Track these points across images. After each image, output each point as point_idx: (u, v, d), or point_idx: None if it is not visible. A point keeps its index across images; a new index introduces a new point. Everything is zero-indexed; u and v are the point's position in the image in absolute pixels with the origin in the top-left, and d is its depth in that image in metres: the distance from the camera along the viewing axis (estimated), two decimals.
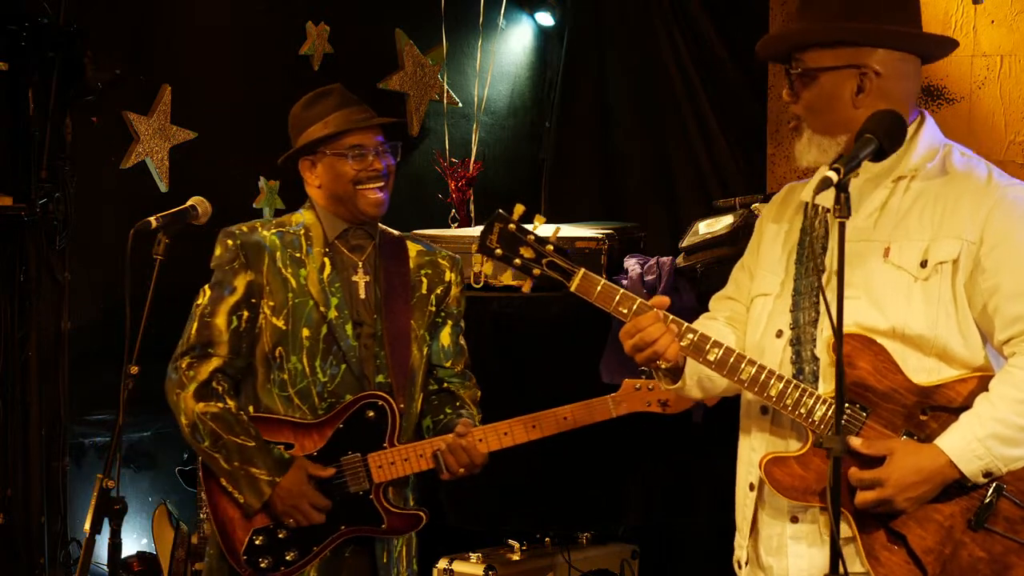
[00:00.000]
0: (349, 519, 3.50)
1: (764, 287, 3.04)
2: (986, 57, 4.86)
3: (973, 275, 2.81)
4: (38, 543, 4.58)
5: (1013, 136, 4.82)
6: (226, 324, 3.52)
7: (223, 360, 3.51)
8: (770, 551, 2.95)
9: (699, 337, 2.89)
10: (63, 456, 4.62)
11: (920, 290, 2.82)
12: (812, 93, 2.89)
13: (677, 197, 5.59)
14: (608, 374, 4.65)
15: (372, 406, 3.51)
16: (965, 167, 2.89)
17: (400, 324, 3.60)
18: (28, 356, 4.59)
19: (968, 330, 2.83)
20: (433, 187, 5.61)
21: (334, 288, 3.55)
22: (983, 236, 2.81)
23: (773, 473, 2.86)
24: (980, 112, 4.88)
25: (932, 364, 2.84)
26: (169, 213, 3.36)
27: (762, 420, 2.98)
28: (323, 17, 5.33)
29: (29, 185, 4.49)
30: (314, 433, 3.51)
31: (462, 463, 3.50)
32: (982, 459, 2.75)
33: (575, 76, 5.96)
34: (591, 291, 2.94)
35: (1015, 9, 4.80)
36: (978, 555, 2.81)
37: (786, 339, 2.93)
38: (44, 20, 4.45)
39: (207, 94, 5.03)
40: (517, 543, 4.86)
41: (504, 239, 2.97)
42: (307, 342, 3.51)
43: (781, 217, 3.10)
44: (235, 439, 3.45)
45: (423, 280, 3.66)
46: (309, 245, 3.58)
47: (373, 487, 3.51)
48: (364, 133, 3.55)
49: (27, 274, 4.56)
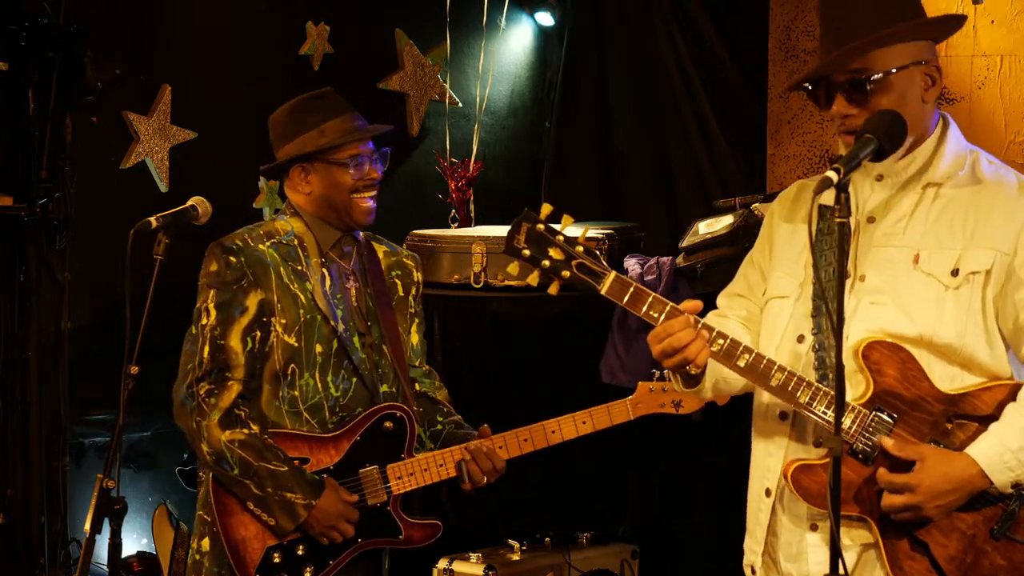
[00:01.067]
0: (366, 532, 3.48)
1: (781, 289, 2.99)
2: (986, 57, 4.85)
3: (1006, 287, 2.79)
4: (38, 543, 4.58)
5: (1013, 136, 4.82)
6: (242, 347, 3.43)
7: (241, 385, 3.43)
8: (789, 557, 2.93)
9: (730, 343, 2.84)
10: (63, 456, 4.62)
11: (951, 299, 2.80)
12: (887, 97, 2.80)
13: (677, 197, 5.59)
14: (608, 374, 4.65)
15: (390, 417, 3.50)
16: (995, 176, 2.87)
17: (394, 329, 3.60)
18: (28, 356, 4.59)
19: (994, 341, 2.82)
20: (433, 187, 5.61)
21: (337, 299, 3.53)
22: (1017, 247, 2.79)
23: (800, 480, 2.82)
24: (980, 112, 4.88)
25: (957, 372, 2.83)
26: (169, 213, 3.36)
27: (781, 425, 2.94)
28: (323, 17, 5.33)
29: (29, 185, 4.49)
30: (330, 447, 3.48)
31: (486, 470, 3.50)
32: (1013, 470, 2.74)
33: (575, 76, 5.96)
34: (622, 294, 2.88)
35: (1015, 9, 4.80)
36: (999, 563, 2.80)
37: (808, 344, 2.89)
38: (44, 20, 4.45)
39: (207, 94, 5.03)
40: (517, 543, 4.85)
41: (532, 239, 2.90)
42: (320, 358, 3.48)
43: (794, 216, 3.04)
44: (267, 465, 3.39)
45: (396, 282, 3.67)
46: (307, 256, 3.54)
47: (391, 498, 3.50)
48: (361, 142, 3.55)
49: (27, 274, 4.56)
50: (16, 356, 4.58)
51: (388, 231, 5.04)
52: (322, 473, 3.45)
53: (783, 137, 5.29)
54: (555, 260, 2.90)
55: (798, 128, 5.27)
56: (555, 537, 4.96)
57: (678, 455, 4.82)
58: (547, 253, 2.90)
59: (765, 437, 2.99)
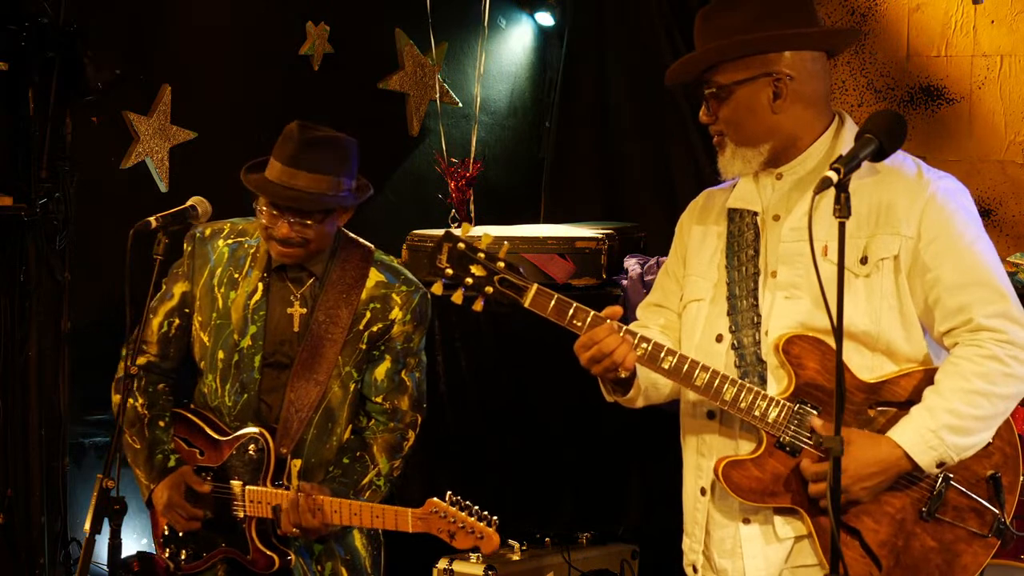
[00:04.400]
0: (228, 540, 3.57)
1: (696, 292, 3.07)
2: (986, 57, 4.86)
3: (913, 269, 2.87)
4: (38, 543, 4.58)
5: (1013, 136, 4.82)
6: (158, 326, 3.63)
7: (149, 359, 3.63)
8: (723, 553, 3.00)
9: (653, 346, 2.91)
10: (63, 456, 4.62)
11: (862, 286, 2.87)
12: (730, 108, 2.93)
13: (677, 197, 5.58)
14: None
15: (255, 441, 3.53)
16: (893, 164, 2.93)
17: (316, 362, 3.52)
18: (28, 356, 4.59)
19: (910, 324, 2.88)
20: (433, 187, 5.61)
21: (257, 316, 3.54)
22: (920, 231, 2.86)
23: (730, 476, 2.90)
24: (980, 112, 4.88)
25: (876, 361, 2.89)
26: (169, 213, 3.36)
27: (709, 424, 3.02)
28: (323, 17, 5.33)
29: (29, 185, 4.49)
30: (222, 449, 3.57)
31: (294, 523, 3.42)
32: (936, 450, 2.80)
33: (575, 76, 5.96)
34: (545, 306, 2.95)
35: (1015, 9, 4.81)
36: (929, 545, 2.87)
37: (727, 343, 2.97)
38: (44, 20, 4.45)
39: (207, 94, 5.02)
40: (517, 543, 4.85)
41: (453, 258, 2.96)
42: (221, 364, 3.56)
43: (704, 221, 3.14)
44: (128, 439, 3.58)
45: (367, 314, 3.57)
46: (252, 267, 3.57)
47: (247, 517, 3.53)
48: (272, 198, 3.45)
49: (27, 274, 4.56)
50: (16, 356, 4.58)
51: (388, 231, 5.06)
52: (208, 471, 3.54)
53: None
54: (477, 277, 2.96)
55: None
56: (555, 537, 4.96)
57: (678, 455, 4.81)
58: (469, 271, 2.96)
59: (695, 436, 3.07)
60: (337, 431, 3.58)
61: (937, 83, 4.94)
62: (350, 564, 3.62)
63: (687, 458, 3.11)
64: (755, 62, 2.91)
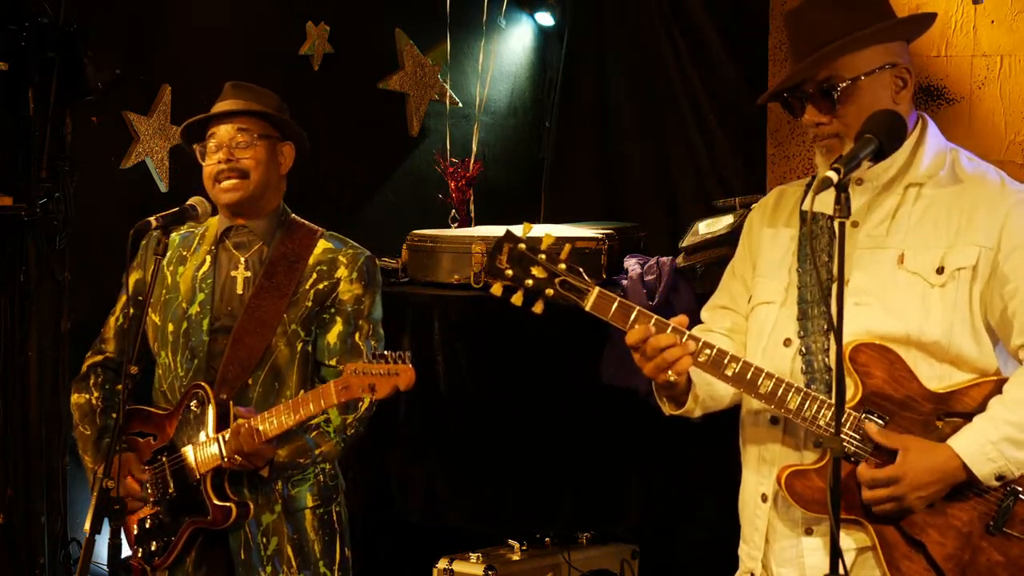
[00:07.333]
0: (190, 510, 3.51)
1: (766, 295, 3.00)
2: (986, 57, 4.85)
3: (991, 281, 2.81)
4: (38, 543, 4.58)
5: (1013, 136, 4.82)
6: (114, 321, 3.71)
7: (105, 356, 3.72)
8: (783, 563, 2.94)
9: (716, 352, 2.85)
10: (63, 456, 4.62)
11: (937, 297, 2.81)
12: (856, 103, 2.83)
13: (677, 197, 5.58)
14: (607, 375, 4.65)
15: (195, 396, 3.52)
16: (976, 172, 2.89)
17: (260, 317, 3.53)
18: (28, 356, 4.59)
19: (980, 336, 2.83)
20: (433, 187, 5.61)
21: (204, 284, 3.58)
22: (1000, 242, 2.81)
23: (793, 485, 2.84)
24: (980, 112, 4.87)
25: (944, 370, 2.84)
26: (169, 213, 3.37)
27: (773, 430, 2.95)
28: (323, 17, 5.33)
29: (29, 185, 4.49)
30: (167, 424, 3.56)
31: (236, 450, 3.38)
32: (995, 462, 2.75)
33: (575, 76, 5.95)
34: (606, 309, 2.86)
35: (1015, 9, 4.80)
36: (996, 559, 2.81)
37: (795, 348, 2.90)
38: (44, 20, 4.45)
39: (207, 94, 5.02)
40: (517, 543, 4.85)
41: (514, 259, 2.87)
42: (171, 337, 3.58)
43: (776, 222, 3.07)
44: (81, 428, 3.67)
45: (313, 275, 3.58)
46: (200, 244, 3.64)
47: (202, 477, 3.48)
48: (217, 123, 3.61)
49: (27, 274, 4.56)
50: (16, 356, 4.58)
51: (388, 231, 5.06)
52: (160, 452, 3.55)
53: (783, 137, 5.28)
54: (538, 279, 2.88)
55: (798, 128, 5.27)
56: (555, 537, 4.96)
57: (678, 455, 4.82)
58: (530, 272, 2.87)
59: (757, 443, 2.99)
60: (286, 393, 3.54)
61: (937, 83, 4.94)
62: (296, 544, 3.56)
63: (747, 463, 3.03)
64: (877, 52, 2.83)
